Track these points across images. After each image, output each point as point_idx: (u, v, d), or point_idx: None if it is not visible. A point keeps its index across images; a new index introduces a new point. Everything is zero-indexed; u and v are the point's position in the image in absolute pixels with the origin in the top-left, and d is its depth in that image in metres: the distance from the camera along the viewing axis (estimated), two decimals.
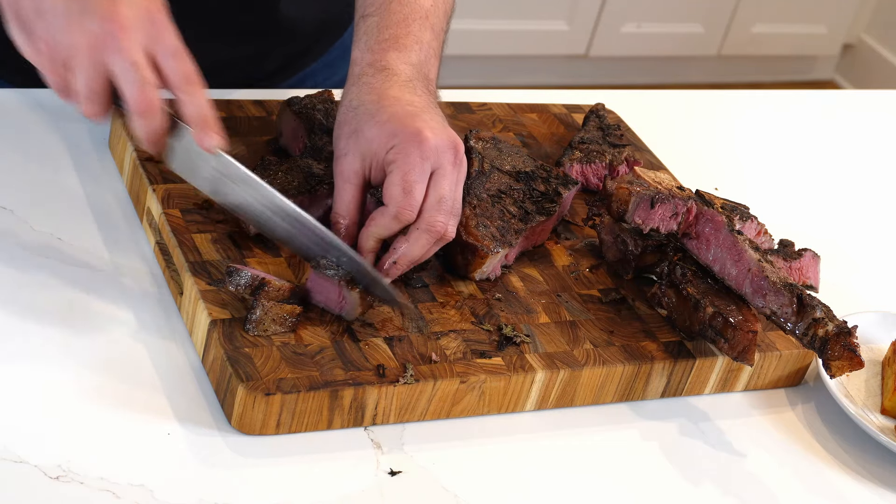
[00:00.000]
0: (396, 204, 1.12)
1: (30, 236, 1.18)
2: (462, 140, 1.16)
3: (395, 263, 1.14)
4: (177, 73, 1.06)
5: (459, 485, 1.07)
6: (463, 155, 1.16)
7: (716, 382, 1.25)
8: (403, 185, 1.12)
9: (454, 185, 1.15)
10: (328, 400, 1.07)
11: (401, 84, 1.18)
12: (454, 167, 1.15)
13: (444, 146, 1.14)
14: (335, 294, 1.12)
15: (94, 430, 1.03)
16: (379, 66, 1.19)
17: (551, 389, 1.16)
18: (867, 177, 1.75)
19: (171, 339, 1.12)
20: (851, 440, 1.25)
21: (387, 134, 1.13)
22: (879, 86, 4.21)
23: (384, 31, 1.22)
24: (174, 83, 1.06)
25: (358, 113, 1.16)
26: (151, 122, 1.06)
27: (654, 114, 1.68)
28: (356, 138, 1.15)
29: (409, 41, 1.21)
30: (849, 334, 1.15)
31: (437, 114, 1.17)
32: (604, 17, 3.77)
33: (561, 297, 1.25)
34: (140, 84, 1.04)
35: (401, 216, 1.13)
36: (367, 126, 1.15)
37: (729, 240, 1.23)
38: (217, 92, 1.41)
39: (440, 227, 1.14)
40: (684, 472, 1.16)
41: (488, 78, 3.66)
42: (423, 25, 1.23)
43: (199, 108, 1.07)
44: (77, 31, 1.03)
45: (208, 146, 1.08)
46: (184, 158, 1.11)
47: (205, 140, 1.08)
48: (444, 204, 1.14)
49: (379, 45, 1.21)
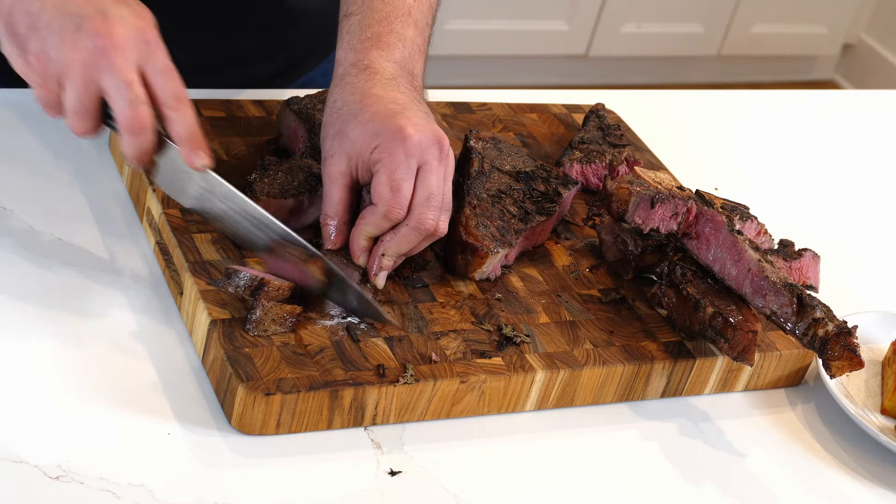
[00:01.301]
0: (385, 203, 1.13)
1: (30, 236, 1.18)
2: (445, 134, 1.16)
3: (383, 256, 1.15)
4: (166, 91, 1.07)
5: (459, 485, 1.07)
6: (448, 149, 1.16)
7: (716, 382, 1.25)
8: (391, 183, 1.12)
9: (441, 180, 1.15)
10: (328, 400, 1.07)
11: (383, 82, 1.18)
12: (440, 162, 1.15)
13: (428, 142, 1.14)
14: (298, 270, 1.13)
15: (94, 430, 1.03)
16: (362, 65, 1.19)
17: (551, 389, 1.16)
18: (867, 177, 1.75)
19: (171, 339, 1.12)
20: (851, 440, 1.25)
21: (370, 133, 1.14)
22: (879, 86, 4.21)
23: (366, 30, 1.22)
24: (164, 101, 1.07)
25: (342, 114, 1.16)
26: (142, 140, 1.07)
27: (654, 114, 1.68)
28: (341, 139, 1.16)
29: (392, 39, 1.22)
30: (849, 334, 1.15)
31: (420, 110, 1.17)
32: (604, 17, 3.77)
33: (561, 297, 1.25)
34: (132, 102, 1.05)
35: (390, 214, 1.13)
36: (350, 126, 1.15)
37: (729, 240, 1.23)
38: (217, 92, 1.42)
39: (430, 224, 1.14)
40: (684, 472, 1.16)
41: (488, 78, 3.66)
42: (405, 22, 1.23)
43: (187, 126, 1.08)
44: (71, 47, 1.04)
45: (197, 165, 1.09)
46: (170, 176, 1.12)
47: (194, 159, 1.09)
48: (434, 200, 1.14)
49: (361, 43, 1.21)
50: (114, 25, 1.04)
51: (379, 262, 1.15)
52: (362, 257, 1.15)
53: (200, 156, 1.09)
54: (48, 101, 1.07)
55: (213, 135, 1.31)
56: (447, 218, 1.16)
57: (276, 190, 1.20)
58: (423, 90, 1.24)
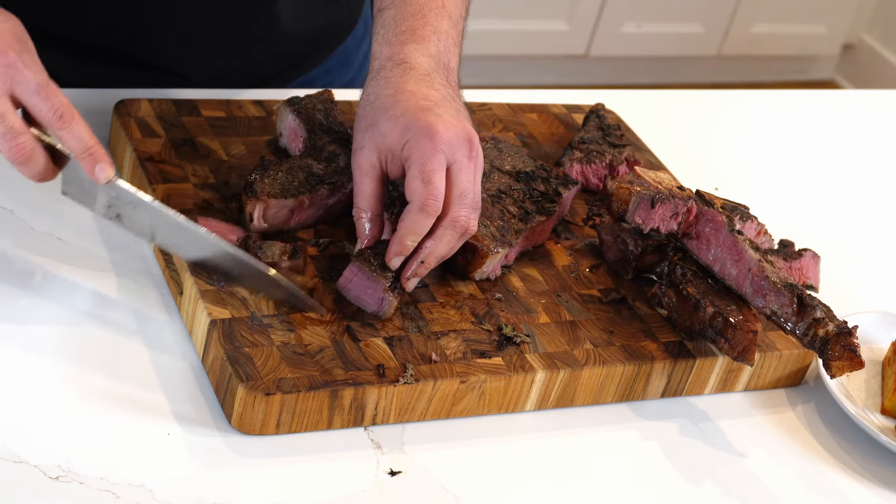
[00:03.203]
0: (420, 196, 1.12)
1: (30, 236, 1.18)
2: (475, 132, 1.16)
3: (422, 263, 1.14)
4: (46, 111, 1.04)
5: (459, 485, 1.07)
6: (478, 146, 1.16)
7: (716, 382, 1.25)
8: (422, 176, 1.12)
9: (472, 177, 1.15)
10: (328, 400, 1.06)
11: (418, 78, 1.18)
12: (470, 160, 1.14)
13: (458, 139, 1.13)
14: (377, 294, 1.13)
15: (94, 430, 1.03)
16: (397, 59, 1.19)
17: (551, 389, 1.16)
18: (867, 177, 1.75)
19: (171, 339, 1.12)
20: (851, 440, 1.25)
21: (400, 128, 1.14)
22: (879, 86, 4.20)
23: (401, 24, 1.22)
24: (47, 121, 1.04)
25: (374, 107, 1.16)
26: (33, 167, 1.05)
27: (654, 114, 1.68)
28: (371, 132, 1.15)
29: (427, 32, 1.21)
30: (849, 334, 1.15)
31: (452, 107, 1.17)
32: (604, 17, 3.77)
33: (561, 297, 1.25)
34: (9, 135, 1.03)
35: (427, 207, 1.12)
36: (381, 120, 1.15)
37: (729, 240, 1.22)
38: (217, 92, 1.42)
39: (464, 222, 1.14)
40: (684, 472, 1.16)
41: (488, 78, 3.66)
42: (439, 15, 1.23)
43: (80, 140, 1.05)
44: None
45: (100, 178, 1.06)
46: (79, 188, 1.09)
47: (97, 172, 1.06)
48: (466, 198, 1.14)
49: (397, 37, 1.21)
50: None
51: (417, 267, 1.14)
52: (395, 261, 1.14)
53: (102, 167, 1.06)
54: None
55: (213, 135, 1.31)
56: (477, 216, 1.16)
57: (276, 190, 1.20)
58: (458, 83, 1.23)
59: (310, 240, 1.21)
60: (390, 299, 1.13)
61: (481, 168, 1.17)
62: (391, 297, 1.13)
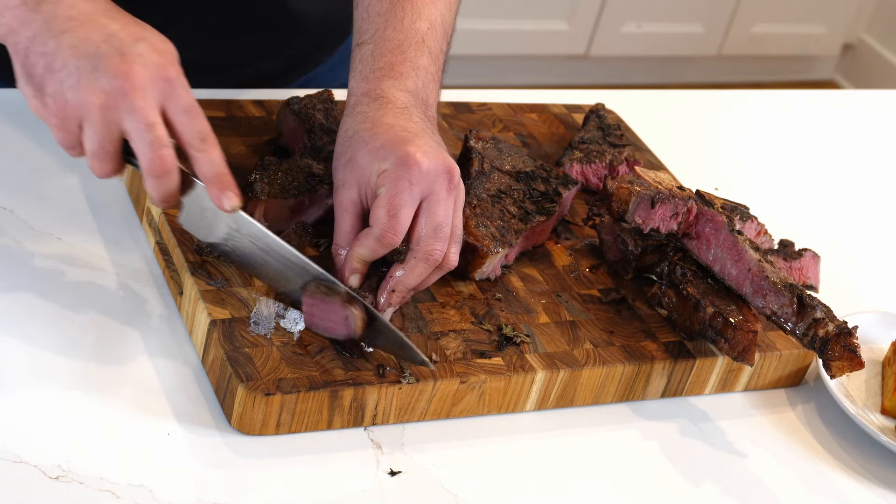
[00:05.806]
0: (381, 226, 1.10)
1: (30, 236, 1.18)
2: (456, 164, 1.13)
3: (392, 291, 1.12)
4: (191, 131, 1.04)
5: (459, 485, 1.07)
6: (459, 180, 1.13)
7: (716, 382, 1.25)
8: (389, 207, 1.10)
9: (450, 210, 1.12)
10: (328, 400, 1.07)
11: (396, 112, 1.16)
12: (449, 193, 1.12)
13: (437, 171, 1.11)
14: (339, 314, 1.09)
15: (94, 430, 1.03)
16: (374, 94, 1.17)
17: (551, 389, 1.16)
18: (867, 176, 1.75)
19: (171, 339, 1.12)
20: (851, 440, 1.25)
21: (379, 159, 1.11)
22: (879, 86, 4.21)
23: (379, 59, 1.20)
24: (188, 141, 1.04)
25: (353, 142, 1.14)
26: (166, 182, 1.04)
27: (654, 114, 1.68)
28: (351, 167, 1.14)
29: (406, 68, 1.19)
30: (849, 334, 1.15)
31: (431, 139, 1.15)
32: (604, 17, 3.77)
33: (561, 297, 1.25)
34: (155, 145, 1.02)
35: (384, 239, 1.10)
36: (360, 154, 1.13)
37: (729, 240, 1.23)
38: (217, 92, 1.42)
39: (437, 255, 1.12)
40: (684, 472, 1.16)
41: (488, 78, 3.66)
42: (419, 50, 1.21)
43: (214, 166, 1.05)
44: (88, 89, 1.01)
45: (226, 206, 1.06)
46: (196, 215, 1.09)
47: (223, 200, 1.05)
48: (441, 231, 1.12)
49: (374, 73, 1.19)
50: (132, 65, 1.01)
51: (388, 297, 1.12)
52: (353, 279, 1.12)
53: (229, 196, 1.05)
54: (68, 143, 1.04)
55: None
56: (458, 249, 1.14)
57: (276, 190, 1.20)
58: (436, 120, 1.21)
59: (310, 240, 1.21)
60: (355, 313, 1.09)
61: (462, 201, 1.15)
62: (355, 311, 1.09)
